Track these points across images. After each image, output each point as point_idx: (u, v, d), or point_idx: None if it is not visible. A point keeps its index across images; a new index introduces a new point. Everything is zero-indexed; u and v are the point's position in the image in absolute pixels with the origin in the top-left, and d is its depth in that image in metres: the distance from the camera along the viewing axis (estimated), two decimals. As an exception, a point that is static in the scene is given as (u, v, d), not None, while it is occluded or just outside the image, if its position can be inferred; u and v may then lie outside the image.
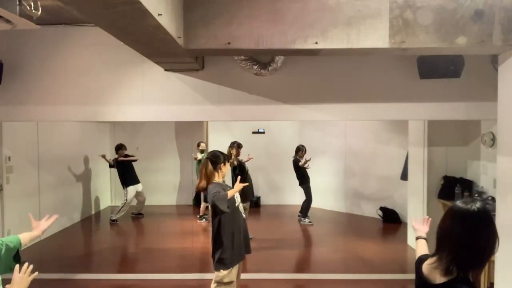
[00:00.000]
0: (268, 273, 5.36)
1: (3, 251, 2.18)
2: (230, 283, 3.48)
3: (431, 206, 6.04)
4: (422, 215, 6.11)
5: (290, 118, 4.94)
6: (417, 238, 2.18)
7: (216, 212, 3.36)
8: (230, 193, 3.37)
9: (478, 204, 1.67)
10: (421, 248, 2.09)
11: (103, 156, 8.78)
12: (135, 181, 8.67)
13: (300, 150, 8.26)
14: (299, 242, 7.23)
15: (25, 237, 2.36)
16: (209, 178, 3.48)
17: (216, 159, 3.54)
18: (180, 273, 5.47)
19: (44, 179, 7.15)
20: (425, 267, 1.78)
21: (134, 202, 8.83)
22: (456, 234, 1.66)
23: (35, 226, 2.46)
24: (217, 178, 3.52)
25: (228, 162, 3.67)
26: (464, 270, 1.64)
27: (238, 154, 6.54)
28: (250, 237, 6.50)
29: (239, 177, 3.64)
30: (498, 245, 1.65)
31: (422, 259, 1.85)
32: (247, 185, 6.35)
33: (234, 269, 3.52)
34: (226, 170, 3.60)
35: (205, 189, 3.49)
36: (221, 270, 3.46)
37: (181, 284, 5.25)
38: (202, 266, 5.95)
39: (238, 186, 3.47)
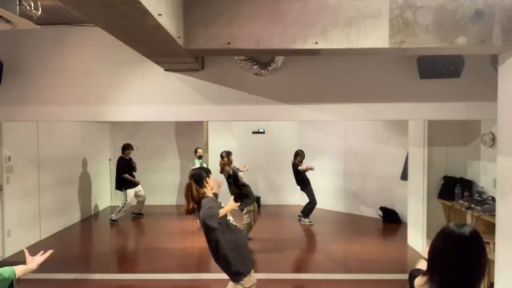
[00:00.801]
0: (268, 273, 5.36)
1: None
2: (251, 286, 3.48)
3: (431, 206, 6.04)
4: (422, 215, 6.13)
5: (290, 118, 4.95)
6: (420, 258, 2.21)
7: (207, 227, 3.34)
8: (222, 212, 3.40)
9: (469, 228, 1.69)
10: (420, 265, 2.11)
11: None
12: (135, 184, 8.68)
13: (298, 155, 8.33)
14: (299, 242, 7.23)
15: (20, 269, 2.36)
16: (198, 196, 3.46)
17: (199, 177, 3.52)
18: (180, 273, 5.47)
19: (44, 179, 7.14)
20: (417, 286, 1.80)
21: (134, 202, 8.83)
22: (449, 258, 1.68)
23: (29, 260, 2.45)
24: (209, 193, 3.52)
25: (210, 173, 3.67)
26: None
27: (230, 162, 6.60)
28: (250, 237, 6.60)
29: (232, 197, 3.78)
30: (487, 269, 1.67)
31: (413, 275, 1.88)
32: (247, 189, 6.47)
33: (252, 272, 3.53)
34: (212, 182, 3.60)
35: (194, 211, 3.49)
36: (243, 279, 3.44)
37: (181, 284, 5.25)
38: (202, 266, 5.95)
39: (232, 205, 3.55)
